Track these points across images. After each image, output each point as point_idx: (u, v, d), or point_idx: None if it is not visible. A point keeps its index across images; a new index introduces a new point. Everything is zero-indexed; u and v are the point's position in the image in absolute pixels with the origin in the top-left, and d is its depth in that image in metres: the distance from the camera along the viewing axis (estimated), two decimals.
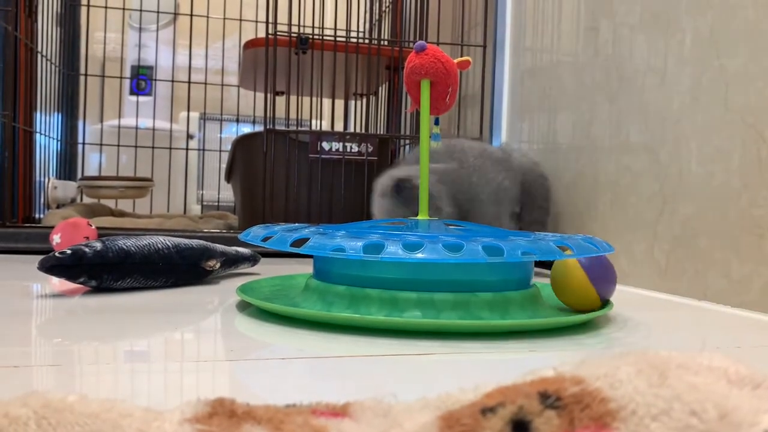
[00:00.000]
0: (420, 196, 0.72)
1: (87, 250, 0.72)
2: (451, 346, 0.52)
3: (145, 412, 0.26)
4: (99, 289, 0.75)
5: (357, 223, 0.75)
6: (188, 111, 2.04)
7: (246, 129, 2.04)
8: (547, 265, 0.73)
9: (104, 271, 0.73)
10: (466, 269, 0.61)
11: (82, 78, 1.89)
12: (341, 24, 1.40)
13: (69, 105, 1.87)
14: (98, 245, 0.73)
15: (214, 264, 0.83)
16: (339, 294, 0.61)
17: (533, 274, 0.67)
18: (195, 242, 0.83)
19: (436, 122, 0.76)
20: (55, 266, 0.71)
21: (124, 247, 0.75)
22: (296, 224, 0.74)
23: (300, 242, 0.60)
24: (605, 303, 0.66)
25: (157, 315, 0.63)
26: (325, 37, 1.33)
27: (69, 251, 0.72)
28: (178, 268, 0.80)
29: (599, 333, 0.60)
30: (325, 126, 1.94)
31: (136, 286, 0.77)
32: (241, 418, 0.26)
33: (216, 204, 2.12)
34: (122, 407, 0.26)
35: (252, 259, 0.95)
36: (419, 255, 0.55)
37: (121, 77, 2.12)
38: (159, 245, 0.78)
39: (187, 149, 2.08)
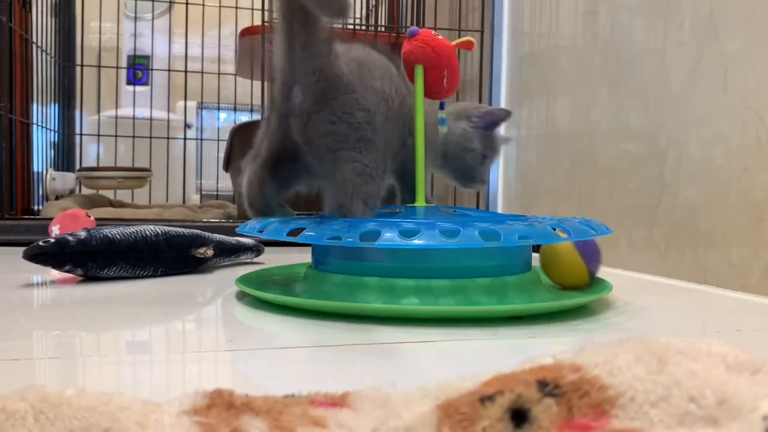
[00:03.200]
0: (416, 182, 0.71)
1: (70, 238, 0.72)
2: (450, 333, 0.52)
3: (143, 405, 0.26)
4: (98, 281, 0.75)
5: None
6: (185, 100, 2.03)
7: (244, 117, 2.03)
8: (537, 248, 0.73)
9: (88, 259, 0.73)
10: (463, 255, 0.61)
11: (78, 68, 1.88)
12: None
13: (66, 96, 1.86)
14: (82, 233, 0.74)
15: (204, 252, 0.82)
16: (337, 283, 0.61)
17: (531, 258, 0.67)
18: (187, 231, 0.83)
19: (441, 107, 0.74)
20: (38, 254, 0.71)
21: (109, 235, 0.75)
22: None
23: (295, 232, 0.60)
24: (593, 279, 0.68)
25: (155, 306, 0.63)
26: None
27: (52, 239, 0.72)
28: (166, 255, 0.79)
29: (598, 318, 0.60)
30: None
31: (124, 275, 0.76)
32: (240, 410, 0.26)
33: (215, 193, 2.12)
34: (120, 400, 0.26)
35: (255, 250, 0.94)
36: (416, 241, 0.55)
37: (117, 67, 2.11)
38: (147, 233, 0.78)
39: (185, 139, 2.08)
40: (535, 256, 0.69)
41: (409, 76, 0.71)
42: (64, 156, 1.87)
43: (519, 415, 0.24)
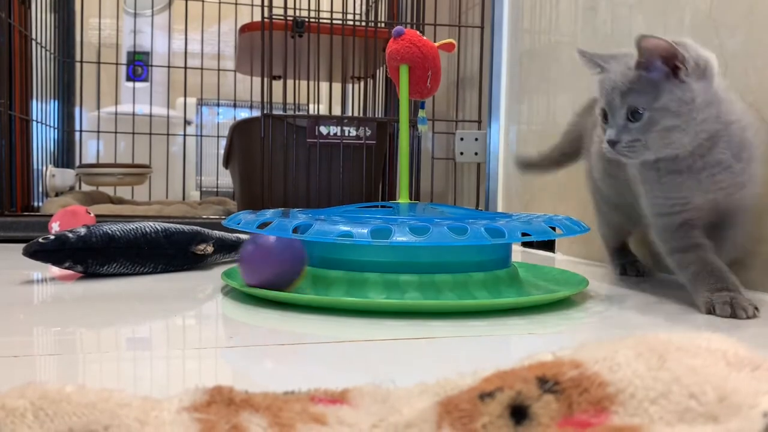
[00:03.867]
0: (401, 179, 0.72)
1: (70, 235, 0.72)
2: (450, 327, 0.52)
3: (143, 402, 0.26)
4: (98, 277, 0.75)
5: (333, 209, 0.75)
6: (185, 97, 2.03)
7: (243, 114, 2.03)
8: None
9: (88, 255, 0.73)
10: (457, 251, 0.61)
11: (77, 65, 1.87)
12: (337, 6, 1.39)
13: (65, 92, 1.86)
14: (82, 230, 0.74)
15: (204, 248, 0.82)
16: (336, 279, 0.61)
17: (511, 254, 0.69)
18: (187, 227, 0.83)
19: (422, 106, 0.76)
20: (38, 251, 0.71)
21: (109, 231, 0.75)
22: (266, 209, 0.73)
23: (266, 225, 0.61)
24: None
25: (155, 302, 0.63)
26: (321, 20, 1.32)
27: (52, 236, 0.72)
28: (166, 252, 0.79)
29: (599, 314, 0.60)
30: (323, 110, 1.93)
31: (124, 272, 0.76)
32: (240, 406, 0.26)
33: (215, 190, 2.11)
34: (120, 397, 0.26)
35: None
36: (425, 239, 0.55)
37: (117, 63, 2.10)
38: (147, 229, 0.78)
39: (185, 135, 2.07)
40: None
41: (394, 74, 0.72)
42: (64, 153, 1.86)
43: (519, 411, 0.24)
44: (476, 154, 1.37)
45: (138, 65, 2.25)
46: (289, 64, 1.29)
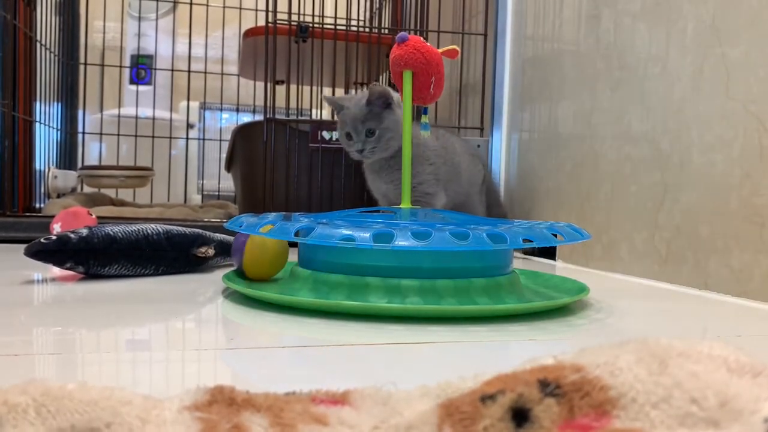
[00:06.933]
0: (402, 185, 0.72)
1: (72, 235, 0.72)
2: (451, 332, 0.52)
3: (144, 400, 0.26)
4: (98, 278, 0.75)
5: (335, 213, 0.75)
6: (188, 100, 2.04)
7: (246, 118, 2.04)
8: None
9: (90, 256, 0.73)
10: (459, 257, 0.62)
11: (81, 67, 1.88)
12: (341, 12, 1.39)
13: (69, 94, 1.86)
14: (84, 231, 0.74)
15: (205, 251, 0.82)
16: (338, 282, 0.61)
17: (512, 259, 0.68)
18: (189, 230, 0.83)
19: (425, 112, 0.76)
20: (40, 251, 0.71)
21: (111, 233, 0.74)
22: (268, 213, 0.73)
23: (263, 229, 0.61)
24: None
25: (156, 304, 0.63)
26: (325, 26, 1.33)
27: (54, 237, 0.72)
28: (167, 254, 0.79)
29: (601, 323, 0.60)
30: (326, 115, 1.94)
31: (125, 273, 0.76)
32: (241, 406, 0.26)
33: (216, 193, 2.12)
34: (121, 395, 0.26)
35: None
36: (427, 243, 0.55)
37: (120, 66, 2.11)
38: (149, 231, 0.78)
39: (187, 138, 2.08)
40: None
41: (397, 80, 0.72)
42: (66, 154, 1.87)
43: (520, 414, 0.24)
44: None
45: (141, 68, 2.26)
46: (293, 69, 1.29)
